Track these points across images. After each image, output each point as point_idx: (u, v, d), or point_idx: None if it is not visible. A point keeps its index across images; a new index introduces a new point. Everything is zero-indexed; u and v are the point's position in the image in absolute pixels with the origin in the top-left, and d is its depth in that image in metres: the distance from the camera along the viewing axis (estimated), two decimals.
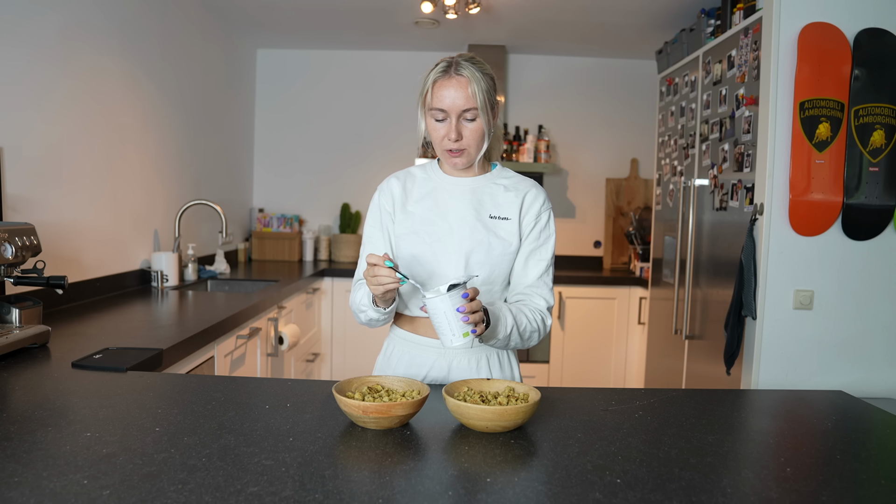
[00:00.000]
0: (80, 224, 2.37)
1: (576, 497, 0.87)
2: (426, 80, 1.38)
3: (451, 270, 1.41)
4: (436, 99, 1.35)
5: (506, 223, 1.44)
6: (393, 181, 1.50)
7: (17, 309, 1.67)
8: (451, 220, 1.43)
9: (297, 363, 3.27)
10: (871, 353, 2.27)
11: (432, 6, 3.25)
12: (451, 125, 1.36)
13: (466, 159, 1.41)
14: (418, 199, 1.47)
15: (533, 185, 1.49)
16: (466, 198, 1.45)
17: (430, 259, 1.43)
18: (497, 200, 1.46)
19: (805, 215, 2.21)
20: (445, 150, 1.40)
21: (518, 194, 1.46)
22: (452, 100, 1.34)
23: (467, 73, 1.34)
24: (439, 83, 1.35)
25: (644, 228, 4.11)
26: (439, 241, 1.42)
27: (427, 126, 1.41)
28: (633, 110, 4.41)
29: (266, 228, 4.26)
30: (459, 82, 1.34)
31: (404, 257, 1.46)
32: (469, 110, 1.35)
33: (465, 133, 1.37)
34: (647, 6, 3.35)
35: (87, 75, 2.38)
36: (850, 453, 1.08)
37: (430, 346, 1.47)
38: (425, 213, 1.45)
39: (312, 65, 4.45)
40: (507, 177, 1.50)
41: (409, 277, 1.26)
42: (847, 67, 2.17)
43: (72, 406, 1.21)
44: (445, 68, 1.36)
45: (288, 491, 0.86)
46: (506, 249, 1.43)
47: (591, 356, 3.94)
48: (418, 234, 1.44)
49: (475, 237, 1.42)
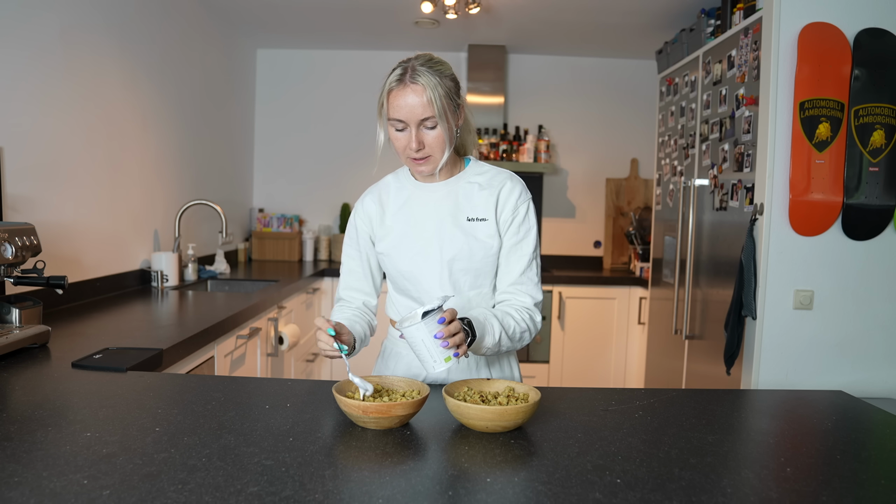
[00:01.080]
0: (80, 224, 2.37)
1: (576, 497, 0.87)
2: (383, 89, 1.31)
3: (436, 282, 1.40)
4: (392, 109, 1.30)
5: (483, 224, 1.39)
6: (367, 200, 1.48)
7: (17, 309, 1.67)
8: (428, 231, 1.40)
9: (297, 363, 3.27)
10: (871, 353, 2.27)
11: (432, 6, 3.25)
12: (411, 135, 1.31)
13: (432, 165, 1.36)
14: (395, 212, 1.44)
15: (508, 178, 1.43)
16: (441, 204, 1.41)
17: (414, 274, 1.41)
18: (473, 201, 1.41)
19: (805, 215, 2.21)
20: (409, 158, 1.35)
21: (493, 192, 1.41)
22: (410, 109, 1.28)
23: (423, 81, 1.27)
24: (395, 93, 1.29)
25: (644, 228, 4.11)
26: (419, 255, 1.40)
27: (389, 134, 1.35)
28: (633, 110, 4.41)
29: (266, 228, 4.26)
30: (415, 90, 1.27)
31: (392, 274, 1.46)
32: (428, 119, 1.29)
33: (427, 141, 1.31)
34: (647, 6, 3.35)
35: (87, 75, 2.38)
36: (850, 453, 1.08)
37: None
38: (402, 227, 1.42)
39: (312, 65, 4.45)
40: (480, 173, 1.44)
41: (348, 350, 1.25)
42: (847, 67, 2.17)
43: (72, 406, 1.21)
44: (400, 76, 1.28)
45: (288, 491, 0.86)
46: (487, 252, 1.39)
47: (591, 356, 3.94)
48: (398, 249, 1.42)
49: (455, 244, 1.38)
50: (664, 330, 3.26)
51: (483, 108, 4.27)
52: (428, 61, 1.31)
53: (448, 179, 1.43)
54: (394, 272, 1.45)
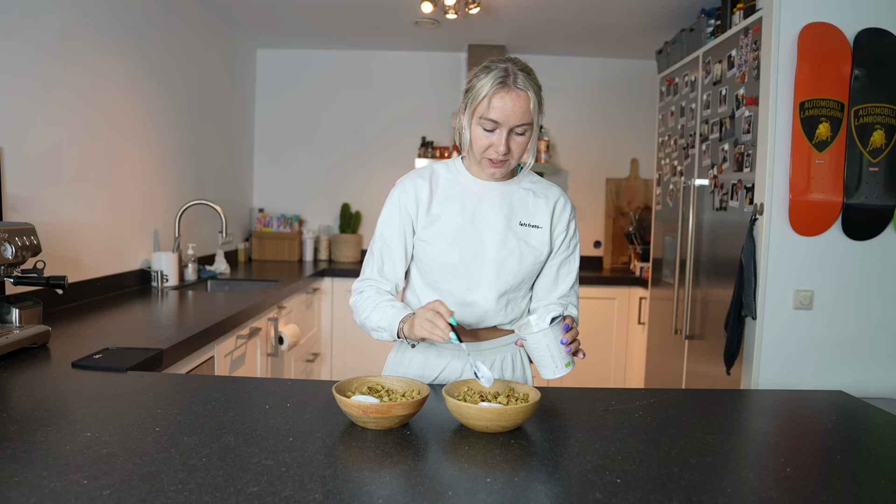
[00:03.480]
0: (80, 224, 2.37)
1: (576, 497, 0.87)
2: (480, 86, 1.29)
3: (482, 280, 1.38)
4: (492, 110, 1.28)
5: (537, 231, 1.41)
6: (419, 182, 1.42)
7: (17, 309, 1.67)
8: (481, 228, 1.39)
9: (297, 363, 3.27)
10: (871, 353, 2.27)
11: (432, 6, 3.25)
12: (501, 138, 1.30)
13: (506, 169, 1.36)
14: (444, 202, 1.41)
15: (561, 193, 1.47)
16: (496, 203, 1.41)
17: (459, 268, 1.39)
18: (527, 207, 1.42)
19: (805, 215, 2.21)
20: (487, 159, 1.34)
21: (548, 202, 1.43)
22: (509, 114, 1.27)
23: (528, 88, 1.28)
24: (498, 94, 1.27)
25: (644, 228, 4.11)
26: (470, 250, 1.38)
27: (472, 130, 1.34)
28: (633, 110, 4.41)
29: (266, 228, 4.26)
30: (519, 96, 1.27)
31: (430, 263, 1.41)
32: (523, 125, 1.30)
33: (513, 147, 1.32)
34: (647, 6, 3.35)
35: (87, 75, 2.38)
36: (850, 453, 1.08)
37: (445, 349, 1.45)
38: (454, 218, 1.40)
39: (312, 65, 4.45)
40: (534, 181, 1.46)
41: (462, 341, 1.23)
42: (847, 67, 2.17)
43: (72, 406, 1.21)
44: (503, 78, 1.27)
45: (288, 491, 0.86)
46: (537, 258, 1.41)
47: (591, 356, 3.94)
48: (447, 240, 1.39)
49: (507, 246, 1.39)
50: (664, 330, 3.26)
51: None
52: (526, 68, 1.32)
53: (505, 181, 1.43)
54: (434, 263, 1.40)
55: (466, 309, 1.41)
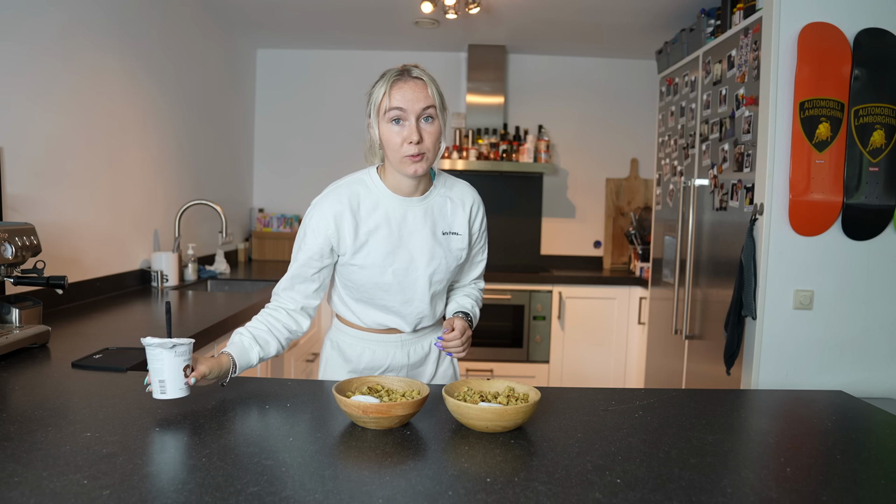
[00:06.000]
0: (80, 224, 2.37)
1: (576, 497, 0.87)
2: (378, 87, 1.37)
3: (416, 293, 1.47)
4: (394, 99, 1.33)
5: (456, 238, 1.49)
6: (339, 209, 1.42)
7: (17, 309, 1.67)
8: (410, 246, 1.44)
9: (297, 363, 3.27)
10: (871, 353, 2.27)
11: (432, 6, 3.25)
12: (411, 126, 1.33)
13: (426, 164, 1.37)
14: (371, 228, 1.42)
15: (470, 191, 1.54)
16: (420, 219, 1.45)
17: (393, 285, 1.46)
18: (446, 215, 1.49)
19: (805, 215, 2.21)
20: (405, 155, 1.34)
21: (464, 207, 1.50)
22: (410, 98, 1.32)
23: (424, 77, 1.36)
24: (397, 85, 1.34)
25: (644, 228, 4.11)
26: (402, 268, 1.45)
27: (381, 133, 1.37)
28: (633, 110, 4.41)
29: (266, 228, 4.26)
30: (417, 83, 1.34)
31: (363, 284, 1.46)
32: (428, 108, 1.34)
33: (425, 135, 1.34)
34: (647, 6, 3.35)
35: (87, 75, 2.38)
36: (850, 453, 1.08)
37: (389, 341, 1.54)
38: (381, 242, 1.42)
39: (312, 65, 4.45)
40: (447, 185, 1.51)
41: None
42: (847, 67, 2.17)
43: (72, 406, 1.21)
44: (398, 74, 1.35)
45: (288, 491, 0.86)
46: (459, 262, 1.52)
47: (591, 356, 3.94)
48: (378, 264, 1.43)
49: (436, 258, 1.47)
50: (664, 330, 3.26)
51: (483, 108, 4.27)
52: (419, 67, 1.39)
53: (424, 195, 1.47)
54: (367, 284, 1.46)
55: (405, 319, 1.51)
